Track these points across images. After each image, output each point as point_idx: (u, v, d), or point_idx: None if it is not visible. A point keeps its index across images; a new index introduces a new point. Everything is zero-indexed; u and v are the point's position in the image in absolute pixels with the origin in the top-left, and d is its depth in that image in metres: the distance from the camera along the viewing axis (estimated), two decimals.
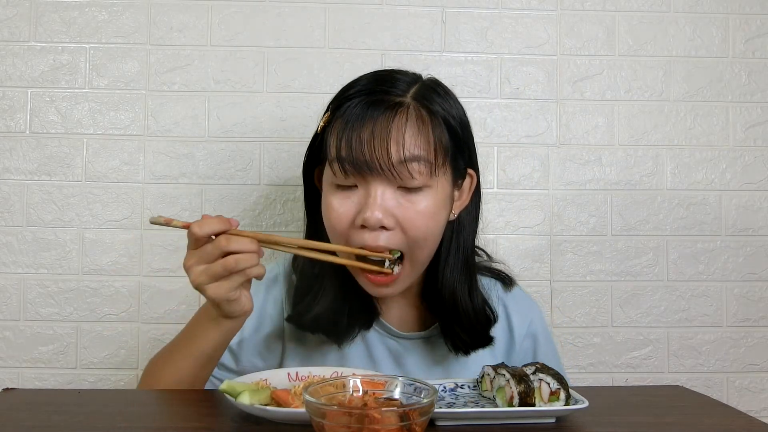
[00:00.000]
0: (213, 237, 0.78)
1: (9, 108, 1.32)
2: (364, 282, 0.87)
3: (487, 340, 0.92)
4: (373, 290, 0.88)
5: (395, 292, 0.88)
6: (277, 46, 1.35)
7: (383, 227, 0.81)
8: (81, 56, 1.33)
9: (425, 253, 0.86)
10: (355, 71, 1.05)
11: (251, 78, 1.34)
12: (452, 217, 0.90)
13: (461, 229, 0.92)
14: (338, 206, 0.84)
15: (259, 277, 0.80)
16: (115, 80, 1.33)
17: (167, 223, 0.78)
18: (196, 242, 0.78)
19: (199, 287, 0.78)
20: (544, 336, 1.03)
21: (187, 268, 0.78)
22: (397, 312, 0.98)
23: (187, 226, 0.78)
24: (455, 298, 0.90)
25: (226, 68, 1.34)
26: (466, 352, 0.92)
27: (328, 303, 0.90)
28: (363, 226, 0.81)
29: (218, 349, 0.88)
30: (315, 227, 0.93)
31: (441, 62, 1.36)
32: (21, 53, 1.33)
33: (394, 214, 0.82)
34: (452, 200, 0.89)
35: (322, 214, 0.88)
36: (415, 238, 0.83)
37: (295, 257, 0.97)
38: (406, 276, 0.87)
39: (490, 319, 0.93)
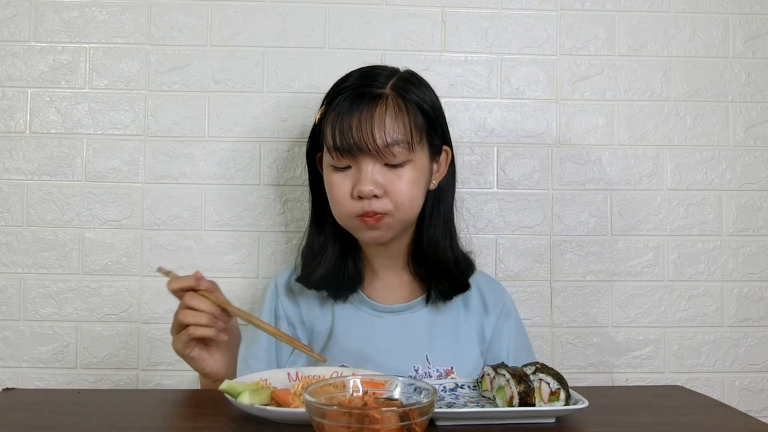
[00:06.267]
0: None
1: (9, 108, 1.32)
2: (358, 227, 1.00)
3: (464, 287, 1.07)
4: (366, 234, 1.01)
5: (382, 237, 1.02)
6: (277, 46, 1.35)
7: (375, 196, 0.97)
8: (81, 56, 1.33)
9: (409, 214, 1.01)
10: None
11: (251, 78, 1.34)
12: (433, 187, 1.06)
13: (441, 196, 1.08)
14: (338, 183, 0.99)
15: (214, 337, 0.90)
16: (115, 80, 1.33)
17: (166, 274, 0.93)
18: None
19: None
20: (515, 316, 1.14)
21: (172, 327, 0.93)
22: (383, 284, 1.10)
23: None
24: (437, 250, 1.05)
25: (226, 68, 1.34)
26: (449, 297, 1.07)
27: (330, 266, 1.06)
28: (359, 197, 0.97)
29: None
30: (318, 202, 1.09)
31: (441, 62, 1.36)
32: (21, 53, 1.33)
33: (382, 185, 0.97)
34: (431, 172, 1.05)
35: (326, 191, 1.03)
36: (400, 202, 0.98)
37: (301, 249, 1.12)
38: (390, 225, 1.00)
39: (468, 269, 1.09)
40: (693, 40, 1.39)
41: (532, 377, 0.78)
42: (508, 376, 0.78)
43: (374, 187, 0.96)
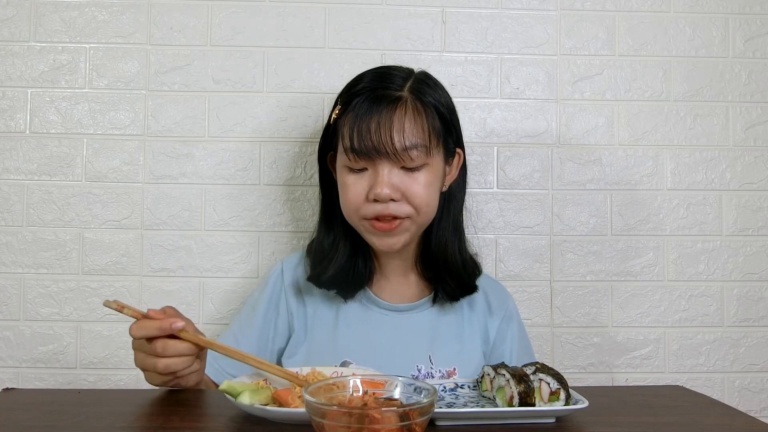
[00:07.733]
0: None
1: (9, 108, 1.32)
2: (371, 232, 1.00)
3: (472, 288, 1.07)
4: (380, 241, 1.01)
5: (398, 243, 1.01)
6: (277, 46, 1.35)
7: (392, 199, 0.97)
8: (81, 56, 1.33)
9: (426, 217, 1.02)
10: (354, 71, 1.06)
11: (251, 78, 1.34)
12: (444, 189, 1.06)
13: (452, 198, 1.08)
14: (353, 185, 0.99)
15: (193, 379, 0.87)
16: (115, 80, 1.33)
17: (119, 310, 0.85)
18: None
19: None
20: (518, 320, 1.15)
21: (133, 347, 0.88)
22: (391, 283, 1.10)
23: (137, 317, 0.85)
24: (446, 252, 1.06)
25: (226, 68, 1.34)
26: (456, 298, 1.07)
27: (341, 266, 1.05)
28: (375, 200, 0.97)
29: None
30: (328, 202, 1.09)
31: (441, 62, 1.36)
32: (21, 53, 1.33)
33: (399, 188, 0.97)
34: (444, 174, 1.05)
35: (339, 192, 1.02)
36: (419, 206, 0.98)
37: (309, 246, 1.11)
38: (407, 229, 1.00)
39: (475, 271, 1.09)
40: (693, 40, 1.39)
41: (532, 377, 0.78)
42: (508, 376, 0.78)
43: (391, 191, 0.96)
